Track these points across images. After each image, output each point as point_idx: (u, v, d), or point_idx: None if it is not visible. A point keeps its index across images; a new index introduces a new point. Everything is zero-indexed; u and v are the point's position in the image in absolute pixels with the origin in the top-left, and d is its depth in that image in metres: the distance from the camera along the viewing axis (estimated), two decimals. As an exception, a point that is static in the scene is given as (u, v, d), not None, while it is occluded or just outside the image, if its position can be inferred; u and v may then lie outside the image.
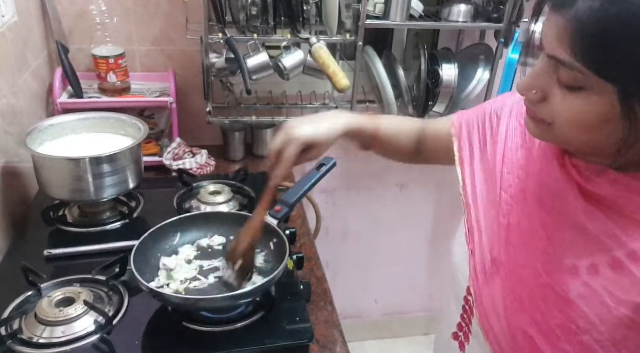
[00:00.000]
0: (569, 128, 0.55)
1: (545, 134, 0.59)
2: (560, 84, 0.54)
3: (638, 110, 0.50)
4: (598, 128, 0.53)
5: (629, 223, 0.55)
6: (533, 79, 0.56)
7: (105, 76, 1.43)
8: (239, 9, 1.36)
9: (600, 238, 0.56)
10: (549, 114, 0.56)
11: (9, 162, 1.20)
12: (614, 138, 0.53)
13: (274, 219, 1.04)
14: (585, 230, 0.57)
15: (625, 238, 0.54)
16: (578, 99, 0.53)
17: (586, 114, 0.53)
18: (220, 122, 1.55)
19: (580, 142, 0.57)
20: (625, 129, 0.51)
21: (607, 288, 0.55)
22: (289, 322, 0.97)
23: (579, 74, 0.51)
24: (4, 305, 0.96)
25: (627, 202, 0.55)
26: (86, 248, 1.13)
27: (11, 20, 1.22)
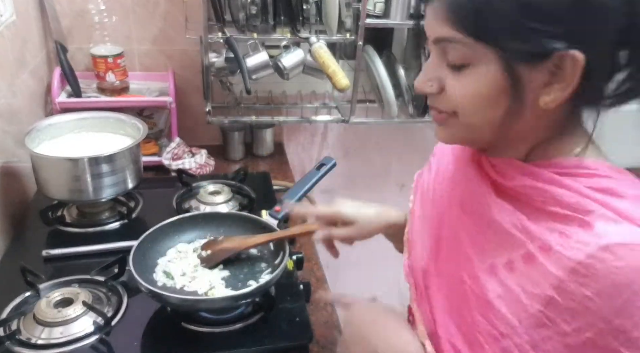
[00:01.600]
0: (470, 110, 0.56)
1: (454, 130, 0.59)
2: (450, 68, 0.55)
3: (521, 71, 0.51)
4: (495, 102, 0.54)
5: (538, 214, 0.54)
6: (426, 72, 0.58)
7: (104, 76, 1.43)
8: (239, 8, 1.36)
9: (513, 232, 0.55)
10: (449, 104, 0.57)
11: (8, 162, 1.19)
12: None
13: (274, 219, 1.04)
14: (500, 226, 0.57)
15: (535, 229, 0.54)
16: (469, 76, 0.54)
17: (480, 89, 0.53)
18: (220, 122, 1.55)
19: (485, 126, 0.56)
20: (510, 93, 0.52)
21: (521, 284, 0.54)
22: (288, 323, 0.96)
23: (462, 48, 0.52)
24: (3, 306, 0.95)
25: (535, 192, 0.55)
26: (85, 249, 1.12)
27: (10, 20, 1.21)
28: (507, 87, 0.52)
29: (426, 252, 0.68)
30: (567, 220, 0.52)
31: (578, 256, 0.49)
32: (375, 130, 1.83)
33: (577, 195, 0.52)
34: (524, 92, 0.52)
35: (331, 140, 1.86)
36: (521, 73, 0.51)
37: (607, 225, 0.50)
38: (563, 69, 0.50)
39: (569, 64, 0.50)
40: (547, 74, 0.51)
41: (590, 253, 0.48)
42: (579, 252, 0.49)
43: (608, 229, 0.49)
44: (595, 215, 0.50)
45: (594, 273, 0.48)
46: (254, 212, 1.11)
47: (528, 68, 0.51)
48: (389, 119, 1.60)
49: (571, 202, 0.52)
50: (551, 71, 0.51)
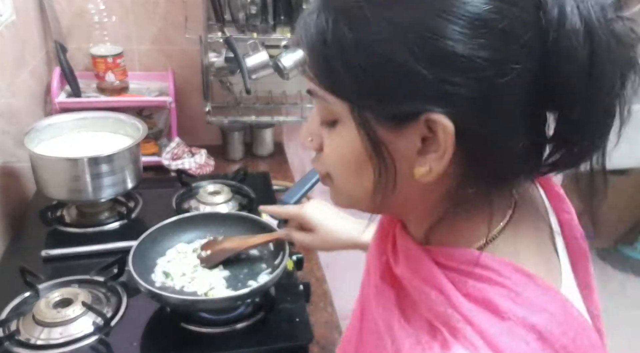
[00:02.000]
0: (340, 174, 0.48)
1: (334, 195, 0.51)
2: (325, 125, 0.47)
3: (382, 133, 0.42)
4: (360, 168, 0.45)
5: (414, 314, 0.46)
6: (308, 125, 0.50)
7: (103, 76, 1.43)
8: (239, 8, 1.36)
9: (381, 328, 0.48)
10: (324, 165, 0.49)
11: (7, 162, 1.19)
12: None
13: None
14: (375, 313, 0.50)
15: (400, 333, 0.45)
16: (337, 135, 0.46)
17: (343, 151, 0.46)
18: (220, 122, 1.55)
19: (360, 195, 0.48)
20: (375, 160, 0.44)
21: None
22: (288, 323, 0.96)
23: (324, 102, 0.45)
24: (2, 307, 0.95)
25: (412, 289, 0.47)
26: (84, 249, 1.12)
27: (9, 20, 1.21)
28: (369, 153, 0.44)
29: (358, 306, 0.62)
30: (434, 331, 0.43)
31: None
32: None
33: (447, 305, 0.42)
34: (392, 160, 0.43)
35: (331, 140, 1.86)
36: (383, 137, 0.42)
37: (464, 351, 0.40)
38: (436, 135, 0.41)
39: (440, 130, 0.40)
40: (419, 139, 0.42)
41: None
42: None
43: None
44: (460, 335, 0.41)
45: None
46: (253, 212, 1.11)
47: (391, 131, 0.42)
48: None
49: (440, 312, 0.43)
50: (423, 137, 0.42)
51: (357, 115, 0.43)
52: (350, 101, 0.43)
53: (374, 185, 0.45)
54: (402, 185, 0.45)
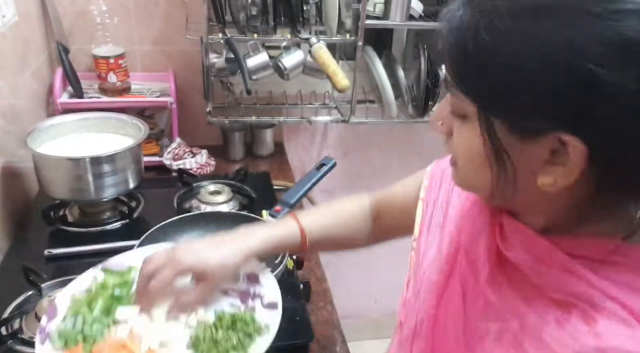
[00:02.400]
0: (461, 166, 0.50)
1: (457, 179, 0.53)
2: (454, 115, 0.48)
3: (506, 142, 0.43)
4: (480, 166, 0.46)
5: (535, 294, 0.47)
6: (440, 110, 0.52)
7: (105, 76, 1.43)
8: (239, 9, 1.36)
9: (504, 307, 0.49)
10: (452, 151, 0.51)
11: (10, 162, 1.20)
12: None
13: (274, 219, 1.04)
14: (494, 296, 0.51)
15: (526, 311, 0.47)
16: (466, 129, 0.47)
17: (468, 149, 0.47)
18: (220, 122, 1.55)
19: (479, 187, 0.49)
20: (494, 165, 0.45)
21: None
22: (288, 322, 0.96)
23: (456, 97, 0.46)
24: (5, 305, 0.96)
25: (532, 273, 0.48)
26: (86, 248, 1.13)
27: (12, 21, 1.22)
28: (489, 157, 0.45)
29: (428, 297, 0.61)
30: (568, 306, 0.44)
31: (564, 351, 0.43)
32: (375, 130, 1.84)
33: (585, 285, 0.44)
34: (512, 167, 0.44)
35: (331, 140, 1.86)
36: (507, 144, 0.43)
37: (613, 325, 0.41)
38: (566, 151, 0.40)
39: (571, 150, 0.40)
40: (547, 151, 0.41)
41: (581, 350, 0.42)
42: (565, 348, 0.43)
43: (612, 330, 0.41)
44: (606, 311, 0.42)
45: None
46: (254, 212, 1.12)
47: (516, 140, 0.42)
48: (388, 119, 1.60)
49: (576, 291, 0.44)
50: (552, 149, 0.41)
51: (483, 119, 0.43)
52: (478, 104, 0.43)
53: (494, 184, 0.46)
54: (524, 191, 0.45)
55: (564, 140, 0.39)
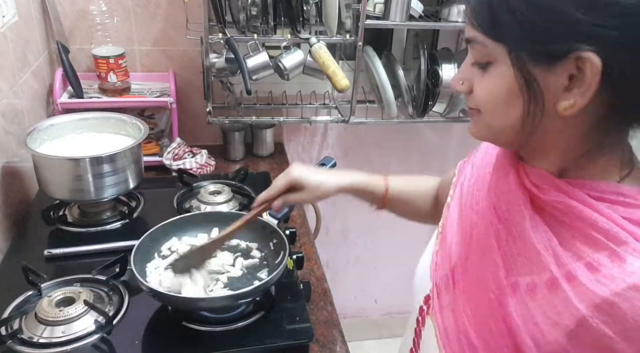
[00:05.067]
0: (490, 110, 0.56)
1: (480, 128, 0.59)
2: (476, 66, 0.56)
3: (536, 72, 0.50)
4: (511, 103, 0.53)
5: (569, 236, 0.52)
6: (460, 72, 0.59)
7: (105, 76, 1.43)
8: (239, 9, 1.36)
9: (542, 253, 0.53)
10: (475, 102, 0.57)
11: (10, 162, 1.20)
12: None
13: (274, 219, 1.04)
14: (530, 242, 0.55)
15: (564, 255, 0.52)
16: (490, 76, 0.54)
17: (496, 89, 0.54)
18: (220, 122, 1.55)
19: (506, 128, 0.55)
20: (525, 95, 0.51)
21: (542, 308, 0.52)
22: (289, 322, 0.97)
23: (482, 48, 0.53)
24: (5, 305, 0.96)
25: (568, 210, 0.53)
26: (86, 248, 1.13)
27: (12, 21, 1.22)
28: (522, 89, 0.51)
29: (457, 251, 0.67)
30: (597, 246, 0.50)
31: (603, 292, 0.47)
32: (375, 130, 1.84)
33: (611, 223, 0.49)
34: (541, 96, 0.50)
35: (331, 140, 1.86)
36: (536, 75, 0.50)
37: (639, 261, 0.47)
38: (583, 72, 0.48)
39: (588, 68, 0.47)
40: (567, 77, 0.49)
41: (617, 291, 0.47)
42: (604, 288, 0.47)
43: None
44: (629, 248, 0.48)
45: (619, 313, 0.46)
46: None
47: (543, 70, 0.49)
48: (388, 119, 1.60)
49: (604, 228, 0.50)
50: (570, 74, 0.49)
51: (513, 56, 0.50)
52: (509, 44, 0.50)
53: (522, 119, 0.53)
54: (546, 120, 0.52)
55: (581, 57, 0.47)
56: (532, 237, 0.54)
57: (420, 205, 0.93)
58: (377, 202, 0.92)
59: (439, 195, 0.91)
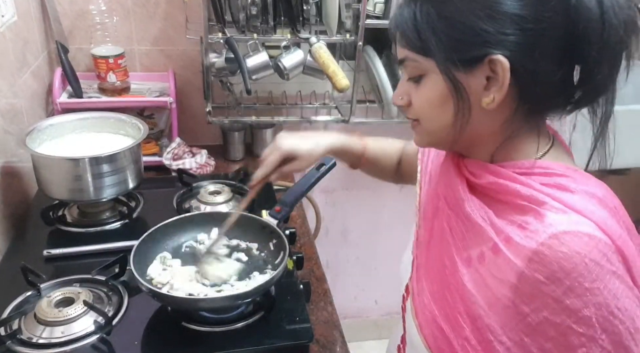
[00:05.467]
0: (427, 116, 0.65)
1: (421, 136, 0.69)
2: (411, 81, 0.65)
3: (460, 76, 0.59)
4: (444, 107, 0.62)
5: (502, 209, 0.61)
6: (398, 89, 0.68)
7: (105, 76, 1.43)
8: (239, 8, 1.36)
9: (483, 226, 0.61)
10: (414, 112, 0.67)
11: (9, 162, 1.20)
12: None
13: (274, 219, 1.04)
14: (472, 219, 0.63)
15: (499, 223, 0.60)
16: (423, 87, 0.63)
17: (431, 96, 0.63)
18: (220, 122, 1.55)
19: (442, 129, 0.64)
20: (454, 97, 0.60)
21: (490, 271, 0.60)
22: (288, 322, 0.96)
23: (414, 63, 0.63)
24: (4, 305, 0.96)
25: (497, 188, 0.62)
26: (86, 249, 1.13)
27: (11, 20, 1.22)
28: (451, 92, 0.60)
29: (422, 234, 0.75)
30: (523, 211, 0.59)
31: (532, 245, 0.55)
32: (375, 130, 1.83)
33: (531, 189, 0.59)
34: (467, 95, 0.60)
35: (331, 141, 1.86)
36: (460, 78, 0.59)
37: (556, 215, 0.56)
38: (496, 73, 0.58)
39: (499, 68, 0.57)
40: (484, 78, 0.59)
41: (541, 241, 0.55)
42: (532, 241, 0.55)
43: (557, 219, 0.56)
44: (547, 206, 0.57)
45: (544, 259, 0.54)
46: (254, 212, 1.11)
47: (466, 74, 0.59)
48: (388, 119, 1.60)
49: (527, 194, 0.59)
50: (488, 76, 0.59)
51: (442, 66, 0.60)
52: (436, 57, 0.60)
53: (454, 118, 0.62)
54: (473, 116, 0.61)
55: (493, 60, 0.57)
56: (472, 215, 0.63)
57: (387, 165, 1.02)
58: (354, 161, 1.00)
59: (402, 159, 1.01)
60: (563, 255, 0.53)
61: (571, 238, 0.54)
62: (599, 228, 0.55)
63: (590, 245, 0.53)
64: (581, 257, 0.53)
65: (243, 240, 1.07)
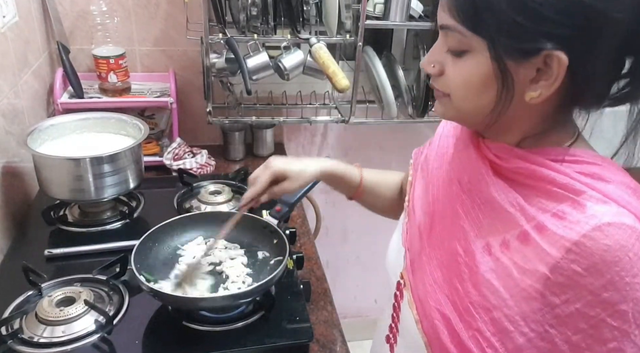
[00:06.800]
0: (462, 94, 0.60)
1: (448, 109, 0.63)
2: (450, 53, 0.59)
3: (509, 64, 0.54)
4: (483, 91, 0.57)
5: (532, 194, 0.58)
6: (431, 55, 0.62)
7: (106, 76, 1.43)
8: (239, 9, 1.36)
9: (509, 210, 0.59)
10: (446, 85, 0.61)
11: (10, 162, 1.20)
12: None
13: (274, 219, 1.04)
14: (497, 203, 0.60)
15: (530, 209, 0.57)
16: (464, 63, 0.58)
17: (472, 76, 0.57)
18: (221, 122, 1.55)
19: (474, 112, 0.60)
20: (498, 84, 0.56)
21: (514, 260, 0.57)
22: (289, 322, 0.97)
23: (459, 36, 0.56)
24: (5, 305, 0.96)
25: (528, 173, 0.59)
26: (87, 248, 1.13)
27: (12, 21, 1.22)
28: (496, 79, 0.56)
29: (422, 222, 0.72)
30: (559, 199, 0.56)
31: (572, 236, 0.53)
32: (375, 130, 1.84)
33: (567, 177, 0.56)
34: (512, 85, 0.56)
35: (331, 140, 1.86)
36: (509, 67, 0.55)
37: (597, 205, 0.54)
38: (550, 67, 0.53)
39: (555, 64, 0.53)
40: (535, 70, 0.55)
41: (583, 232, 0.52)
42: (573, 232, 0.53)
43: (599, 209, 0.53)
44: (586, 196, 0.55)
45: (585, 251, 0.52)
46: (254, 212, 1.11)
47: (516, 63, 0.54)
48: (388, 119, 1.60)
49: (563, 182, 0.56)
50: (538, 68, 0.54)
51: (492, 49, 0.54)
52: (488, 38, 0.54)
53: (491, 105, 0.58)
54: (514, 106, 0.57)
55: (551, 55, 0.52)
56: (497, 199, 0.60)
57: (387, 196, 0.98)
58: (350, 192, 0.96)
59: (403, 188, 0.95)
60: (607, 248, 0.51)
61: (615, 231, 0.52)
62: (638, 220, 0.53)
63: (633, 238, 0.52)
64: (625, 251, 0.51)
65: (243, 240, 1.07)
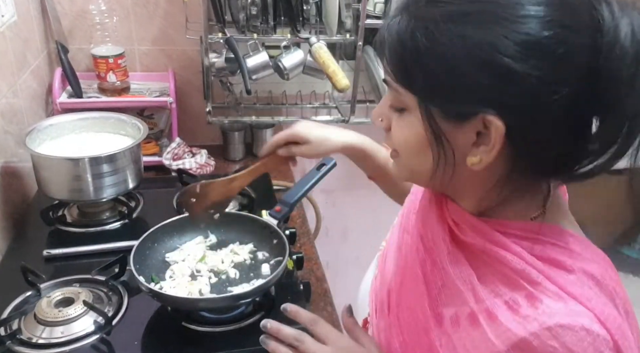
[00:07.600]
0: (404, 154, 0.57)
1: (400, 169, 0.60)
2: (394, 110, 0.56)
3: (444, 126, 0.50)
4: (422, 152, 0.53)
5: (487, 273, 0.54)
6: (379, 107, 0.59)
7: (105, 76, 1.43)
8: (239, 8, 1.36)
9: (461, 288, 0.55)
10: (393, 144, 0.58)
11: (9, 162, 1.20)
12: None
13: (274, 219, 1.04)
14: (450, 277, 0.56)
15: (482, 292, 0.53)
16: (404, 121, 0.54)
17: (410, 136, 0.54)
18: (220, 122, 1.55)
19: (421, 172, 0.56)
20: (433, 147, 0.52)
21: (462, 341, 0.54)
22: (289, 322, 0.96)
23: (396, 93, 0.53)
24: (4, 306, 0.95)
25: (483, 250, 0.54)
26: (86, 249, 1.13)
27: (11, 20, 1.22)
28: (431, 142, 0.52)
29: (393, 279, 0.68)
30: (513, 285, 0.52)
31: (520, 331, 0.49)
32: (375, 130, 1.83)
33: (524, 263, 0.52)
34: (450, 150, 0.51)
35: (331, 141, 1.86)
36: (445, 130, 0.50)
37: (552, 302, 0.49)
38: (489, 130, 0.49)
39: (493, 129, 0.48)
40: (475, 134, 0.50)
41: (532, 331, 0.48)
42: (520, 327, 0.49)
43: (553, 307, 0.49)
44: (541, 288, 0.50)
45: (531, 350, 0.48)
46: (254, 212, 1.11)
47: (454, 125, 0.50)
48: (388, 119, 1.60)
49: (518, 268, 0.52)
50: (479, 132, 0.50)
51: (423, 108, 0.51)
52: (419, 96, 0.51)
53: (434, 167, 0.53)
54: (459, 171, 0.53)
55: (487, 119, 0.48)
56: (451, 272, 0.56)
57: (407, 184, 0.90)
58: (374, 170, 0.91)
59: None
60: (553, 350, 0.47)
61: (566, 333, 0.47)
62: (598, 320, 0.48)
63: (587, 342, 0.47)
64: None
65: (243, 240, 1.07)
